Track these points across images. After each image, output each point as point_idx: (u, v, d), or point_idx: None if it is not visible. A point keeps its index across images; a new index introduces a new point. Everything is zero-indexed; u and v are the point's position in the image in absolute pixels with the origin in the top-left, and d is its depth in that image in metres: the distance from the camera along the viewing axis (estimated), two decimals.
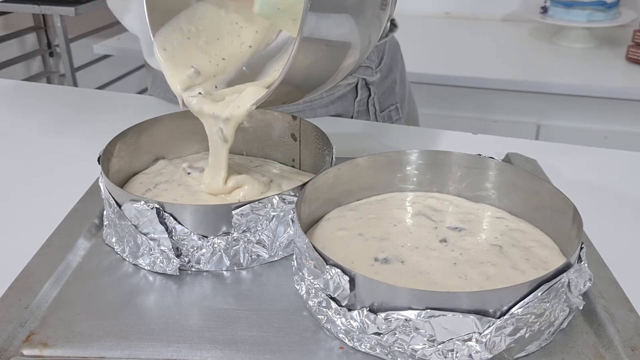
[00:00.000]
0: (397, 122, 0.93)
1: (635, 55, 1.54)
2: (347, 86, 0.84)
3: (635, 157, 0.74)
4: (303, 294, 0.46)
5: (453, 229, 0.53)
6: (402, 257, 0.49)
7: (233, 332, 0.44)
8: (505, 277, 0.46)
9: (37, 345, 0.43)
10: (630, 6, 1.75)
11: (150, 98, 0.94)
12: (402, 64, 0.96)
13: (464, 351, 0.39)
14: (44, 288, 0.48)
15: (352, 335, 0.42)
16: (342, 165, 0.55)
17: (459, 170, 0.57)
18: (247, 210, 0.49)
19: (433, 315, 0.39)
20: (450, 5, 2.00)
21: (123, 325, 0.45)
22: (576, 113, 1.51)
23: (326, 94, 0.83)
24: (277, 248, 0.52)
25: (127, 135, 0.61)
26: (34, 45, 2.28)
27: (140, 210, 0.49)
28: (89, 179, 0.63)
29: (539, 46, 1.72)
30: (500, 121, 1.56)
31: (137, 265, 0.51)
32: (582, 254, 0.44)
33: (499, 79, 1.49)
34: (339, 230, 0.53)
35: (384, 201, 0.57)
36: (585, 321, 0.45)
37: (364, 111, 0.88)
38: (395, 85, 0.93)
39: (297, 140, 0.66)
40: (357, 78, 0.85)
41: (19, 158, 0.75)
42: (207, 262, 0.51)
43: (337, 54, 0.46)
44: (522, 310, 0.39)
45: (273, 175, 0.62)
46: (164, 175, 0.62)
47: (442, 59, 1.63)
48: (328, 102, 0.84)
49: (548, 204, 0.51)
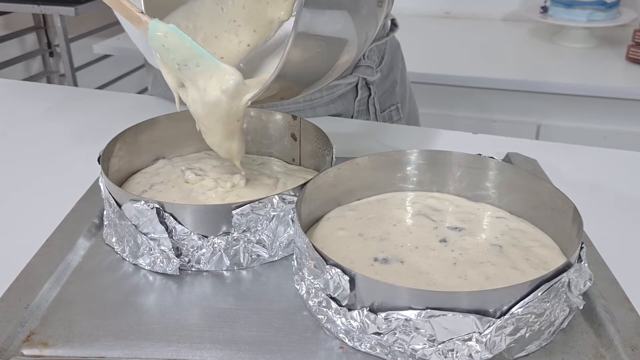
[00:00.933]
0: (398, 122, 0.93)
1: (636, 55, 1.54)
2: (348, 85, 0.84)
3: (635, 157, 0.74)
4: (303, 294, 0.46)
5: (453, 229, 0.53)
6: (402, 257, 0.49)
7: (233, 332, 0.44)
8: (505, 277, 0.46)
9: (37, 345, 0.43)
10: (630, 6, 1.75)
11: (151, 98, 0.94)
12: (402, 64, 0.96)
13: (464, 351, 0.39)
14: (44, 288, 0.48)
15: (352, 335, 0.42)
16: (342, 165, 0.55)
17: (459, 170, 0.57)
18: (247, 210, 0.49)
19: (433, 315, 0.39)
20: (450, 5, 2.00)
21: (123, 325, 0.45)
22: (576, 113, 1.51)
23: (326, 93, 0.83)
24: (277, 248, 0.52)
25: (127, 135, 0.61)
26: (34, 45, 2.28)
27: (140, 210, 0.49)
28: (89, 179, 0.63)
29: (539, 46, 1.72)
30: (500, 121, 1.56)
31: (137, 265, 0.51)
32: (582, 253, 0.44)
33: (499, 79, 1.49)
34: (338, 230, 0.53)
35: (384, 201, 0.57)
36: (586, 321, 0.45)
37: (364, 111, 0.88)
38: (395, 85, 0.93)
39: (297, 140, 0.66)
40: (358, 77, 0.84)
41: (19, 158, 0.75)
42: (207, 262, 0.51)
43: (333, 50, 0.46)
44: (522, 310, 0.39)
45: (277, 173, 0.62)
46: (161, 176, 0.62)
47: (442, 59, 1.63)
48: (328, 101, 0.84)
49: (548, 204, 0.51)
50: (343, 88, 0.84)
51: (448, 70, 1.54)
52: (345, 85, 0.84)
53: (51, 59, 2.32)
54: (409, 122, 0.97)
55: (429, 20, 1.96)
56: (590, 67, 1.58)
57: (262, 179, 0.61)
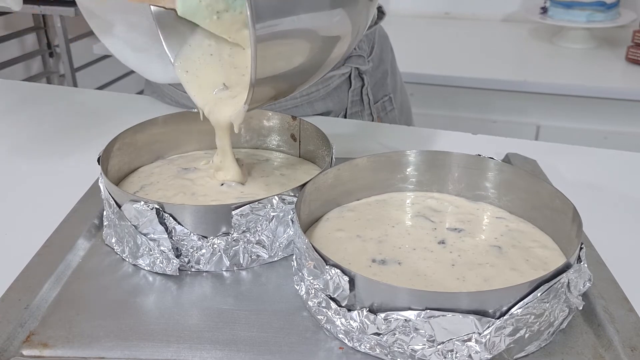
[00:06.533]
0: (391, 113, 0.94)
1: (635, 56, 1.54)
2: (341, 76, 0.85)
3: (635, 158, 0.74)
4: (303, 295, 0.46)
5: (452, 230, 0.53)
6: (400, 258, 0.49)
7: (233, 332, 0.44)
8: (504, 278, 0.46)
9: (37, 346, 0.43)
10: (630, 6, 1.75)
11: (150, 98, 0.94)
12: (392, 55, 0.97)
13: (464, 351, 0.39)
14: (44, 288, 0.48)
15: (351, 335, 0.42)
16: (342, 165, 0.55)
17: (458, 170, 0.57)
18: (246, 211, 0.49)
19: (433, 315, 0.39)
20: (450, 5, 2.00)
21: (123, 326, 0.45)
22: (576, 113, 1.51)
23: (322, 86, 0.83)
24: (277, 248, 0.52)
25: (126, 135, 0.61)
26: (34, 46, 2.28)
27: (140, 210, 0.49)
28: (89, 179, 0.63)
29: (538, 46, 1.72)
30: (500, 121, 1.56)
31: (137, 265, 0.51)
32: (581, 254, 0.44)
33: (499, 79, 1.49)
34: (337, 231, 0.53)
35: (384, 202, 0.57)
36: (585, 321, 0.45)
37: (357, 101, 0.88)
38: (387, 75, 0.94)
39: (297, 141, 0.66)
40: (350, 68, 0.85)
41: (18, 158, 0.75)
42: (207, 263, 0.51)
43: (300, 48, 0.45)
44: (521, 310, 0.39)
45: (280, 167, 0.63)
46: (154, 176, 0.62)
47: (442, 60, 1.63)
48: (325, 94, 0.84)
49: (548, 205, 0.51)
50: (337, 79, 0.85)
51: (448, 70, 1.54)
52: (340, 76, 0.85)
53: (51, 60, 2.31)
54: (401, 113, 0.98)
55: (428, 21, 1.96)
56: (589, 67, 1.58)
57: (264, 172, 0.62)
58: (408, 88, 1.05)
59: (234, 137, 0.68)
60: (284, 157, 0.67)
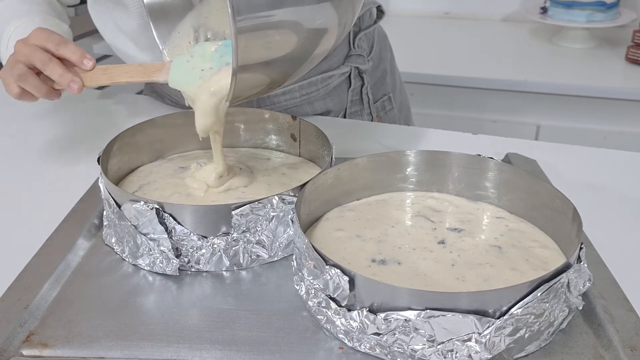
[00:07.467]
0: (391, 112, 0.94)
1: (635, 56, 1.54)
2: (341, 76, 0.85)
3: (635, 158, 0.74)
4: (303, 294, 0.46)
5: (452, 230, 0.53)
6: (400, 258, 0.49)
7: (233, 332, 0.44)
8: (503, 278, 0.46)
9: (37, 346, 0.43)
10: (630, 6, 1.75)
11: (150, 98, 0.94)
12: (391, 54, 0.97)
13: (464, 351, 0.39)
14: (44, 288, 0.48)
15: (351, 335, 0.42)
16: (342, 165, 0.55)
17: (458, 170, 0.57)
18: (246, 211, 0.49)
19: (433, 315, 0.39)
20: (450, 5, 1.99)
21: (123, 326, 0.45)
22: (576, 113, 1.51)
23: (322, 86, 0.83)
24: (277, 248, 0.52)
25: (126, 135, 0.61)
26: None
27: (139, 210, 0.49)
28: (89, 179, 0.63)
29: (538, 46, 1.72)
30: (500, 121, 1.56)
31: (137, 265, 0.51)
32: (581, 254, 0.44)
33: (499, 79, 1.49)
34: (336, 231, 0.53)
35: (384, 201, 0.57)
36: (585, 321, 0.45)
37: (357, 100, 0.88)
38: (386, 75, 0.94)
39: (297, 141, 0.66)
40: (350, 67, 0.85)
41: (18, 158, 0.75)
42: (207, 263, 0.51)
43: (282, 39, 0.46)
44: (521, 310, 0.39)
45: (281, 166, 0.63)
46: (152, 175, 0.62)
47: (442, 60, 1.62)
48: (324, 93, 0.84)
49: (548, 204, 0.51)
50: (337, 79, 0.85)
51: (448, 70, 1.54)
52: (339, 75, 0.85)
53: None
54: (401, 112, 0.98)
55: (428, 21, 1.96)
56: (589, 67, 1.58)
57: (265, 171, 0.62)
58: (408, 88, 1.05)
59: (235, 137, 0.68)
60: (284, 157, 0.67)
